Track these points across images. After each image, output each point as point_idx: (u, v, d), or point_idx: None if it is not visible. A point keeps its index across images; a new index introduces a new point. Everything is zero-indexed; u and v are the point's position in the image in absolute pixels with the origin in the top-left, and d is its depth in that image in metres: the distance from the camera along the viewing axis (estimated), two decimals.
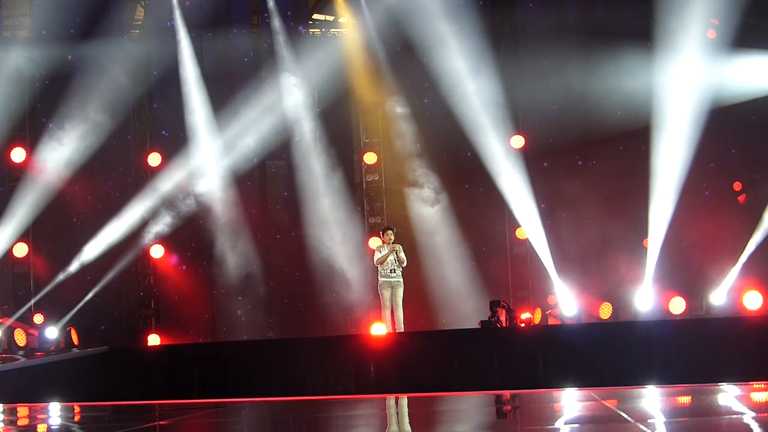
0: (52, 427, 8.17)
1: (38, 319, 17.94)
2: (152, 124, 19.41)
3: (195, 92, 19.00)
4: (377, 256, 14.33)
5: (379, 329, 16.07)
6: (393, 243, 14.27)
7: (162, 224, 18.82)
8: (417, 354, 13.12)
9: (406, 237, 18.09)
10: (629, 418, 6.65)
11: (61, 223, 18.69)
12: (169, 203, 18.79)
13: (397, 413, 8.17)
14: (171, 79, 18.80)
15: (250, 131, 18.91)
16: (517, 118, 19.00)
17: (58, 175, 18.17)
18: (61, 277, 18.16)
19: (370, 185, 20.01)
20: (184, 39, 18.92)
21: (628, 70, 17.81)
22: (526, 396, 9.61)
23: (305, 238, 19.20)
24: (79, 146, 18.11)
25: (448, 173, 19.16)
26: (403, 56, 18.55)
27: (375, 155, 19.90)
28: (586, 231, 18.74)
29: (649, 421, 6.65)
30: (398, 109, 19.37)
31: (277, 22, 19.38)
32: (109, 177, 18.88)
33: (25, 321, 17.75)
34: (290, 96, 19.24)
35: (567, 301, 18.21)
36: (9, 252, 18.26)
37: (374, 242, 18.45)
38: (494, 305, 16.17)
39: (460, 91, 18.18)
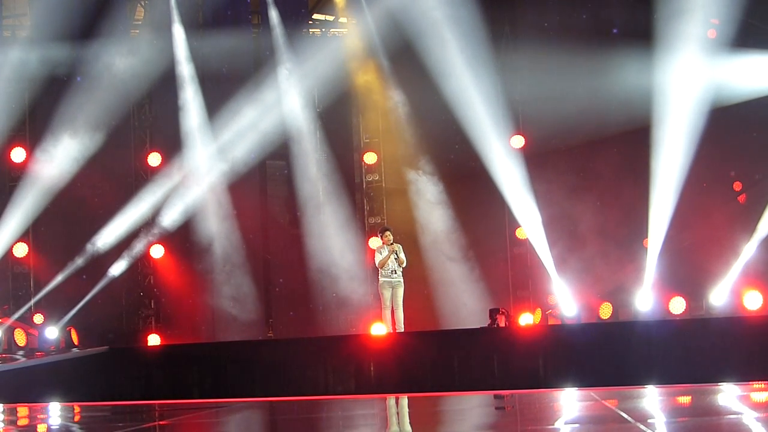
0: (52, 427, 8.16)
1: (38, 319, 17.93)
2: (152, 124, 19.39)
3: (194, 92, 18.99)
4: (378, 258, 14.34)
5: (379, 329, 16.07)
6: (392, 243, 14.28)
7: (162, 224, 18.80)
8: (417, 354, 13.13)
9: (406, 237, 18.07)
10: (629, 418, 6.65)
11: (60, 223, 18.68)
12: (169, 203, 18.77)
13: (397, 413, 8.17)
14: (171, 79, 18.77)
15: (249, 131, 18.90)
16: (517, 118, 18.99)
17: (58, 175, 18.14)
18: (61, 277, 18.14)
19: (370, 185, 20.01)
20: (184, 39, 18.89)
21: (628, 70, 17.79)
22: (526, 396, 9.61)
23: (305, 238, 19.19)
24: (79, 146, 18.09)
25: (448, 173, 19.15)
26: (403, 56, 18.53)
27: (375, 155, 19.89)
28: (586, 231, 18.73)
29: (649, 421, 6.64)
30: (398, 108, 19.36)
31: (277, 22, 19.37)
32: (109, 177, 18.84)
33: (25, 321, 17.74)
34: (290, 96, 19.22)
35: (567, 301, 18.21)
36: (9, 252, 18.25)
37: (374, 242, 18.44)
38: (493, 313, 16.19)
39: (460, 91, 18.16)
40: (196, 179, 18.87)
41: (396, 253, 14.21)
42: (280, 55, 19.28)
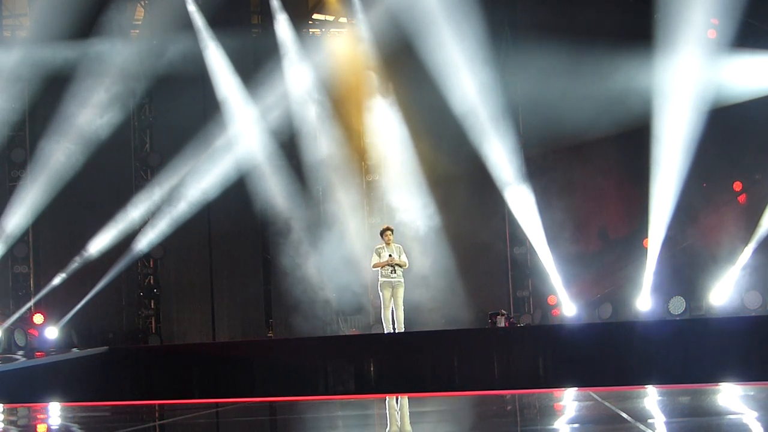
0: (52, 427, 8.16)
1: (38, 319, 17.92)
2: (152, 124, 19.39)
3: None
4: (375, 259, 14.26)
5: (379, 329, 16.06)
6: (393, 243, 14.27)
7: (162, 224, 18.78)
8: (417, 354, 13.13)
9: (406, 236, 18.07)
10: (629, 418, 6.65)
11: (61, 223, 18.67)
12: (168, 203, 18.75)
13: (397, 413, 8.16)
14: (171, 79, 18.74)
15: (249, 131, 18.92)
16: (517, 118, 18.99)
17: (57, 174, 18.12)
18: (61, 277, 18.13)
19: (370, 185, 20.00)
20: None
21: (628, 70, 17.79)
22: (526, 396, 9.60)
23: (305, 238, 19.18)
24: (79, 146, 18.07)
25: (448, 173, 19.14)
26: (403, 56, 18.52)
27: (375, 155, 19.88)
28: (586, 231, 18.73)
29: (649, 421, 6.64)
30: (397, 109, 19.34)
31: (277, 22, 19.35)
32: (108, 177, 18.83)
33: (25, 321, 17.73)
34: (289, 96, 19.21)
35: (567, 301, 18.21)
36: (9, 252, 18.25)
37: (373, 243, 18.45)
38: (493, 316, 16.21)
39: (459, 91, 18.15)
40: (195, 179, 18.76)
41: (398, 257, 14.14)
42: (279, 54, 19.24)
